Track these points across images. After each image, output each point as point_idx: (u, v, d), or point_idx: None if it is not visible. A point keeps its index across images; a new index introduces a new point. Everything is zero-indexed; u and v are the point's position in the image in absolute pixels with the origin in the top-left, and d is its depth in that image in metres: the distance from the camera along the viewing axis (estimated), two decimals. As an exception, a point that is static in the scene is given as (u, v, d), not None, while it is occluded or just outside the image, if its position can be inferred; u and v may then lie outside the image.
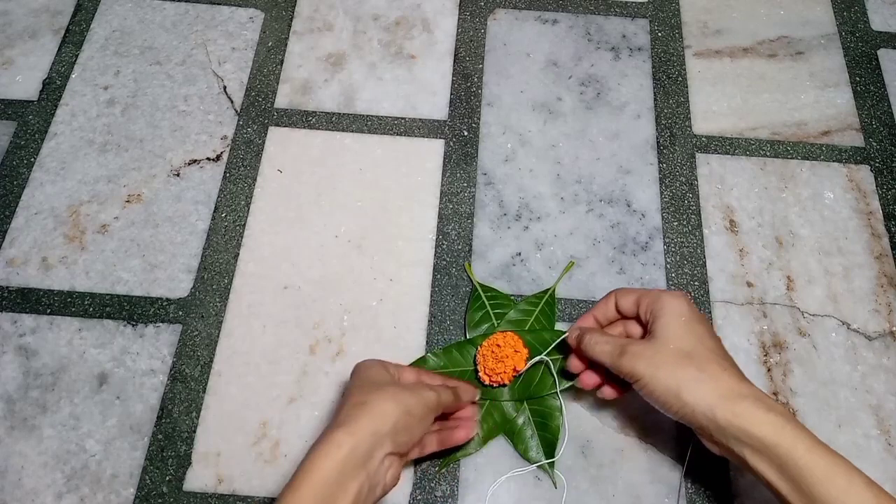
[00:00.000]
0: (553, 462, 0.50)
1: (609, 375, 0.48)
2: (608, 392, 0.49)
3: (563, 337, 0.50)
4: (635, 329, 0.49)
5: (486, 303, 0.56)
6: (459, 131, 0.65)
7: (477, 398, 0.51)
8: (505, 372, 0.50)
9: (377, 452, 0.40)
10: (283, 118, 0.65)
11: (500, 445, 0.52)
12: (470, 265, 0.58)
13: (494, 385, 0.52)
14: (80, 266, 0.58)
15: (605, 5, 0.72)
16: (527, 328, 0.54)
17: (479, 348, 0.52)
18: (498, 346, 0.51)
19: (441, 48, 0.69)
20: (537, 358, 0.50)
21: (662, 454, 0.51)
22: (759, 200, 0.62)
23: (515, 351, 0.51)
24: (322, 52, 0.69)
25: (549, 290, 0.57)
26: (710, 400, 0.41)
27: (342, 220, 0.60)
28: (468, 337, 0.54)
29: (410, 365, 0.52)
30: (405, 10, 0.71)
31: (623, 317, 0.50)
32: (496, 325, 0.54)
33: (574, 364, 0.49)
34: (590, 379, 0.49)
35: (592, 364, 0.49)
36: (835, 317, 0.57)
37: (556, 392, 0.51)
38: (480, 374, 0.51)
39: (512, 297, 0.57)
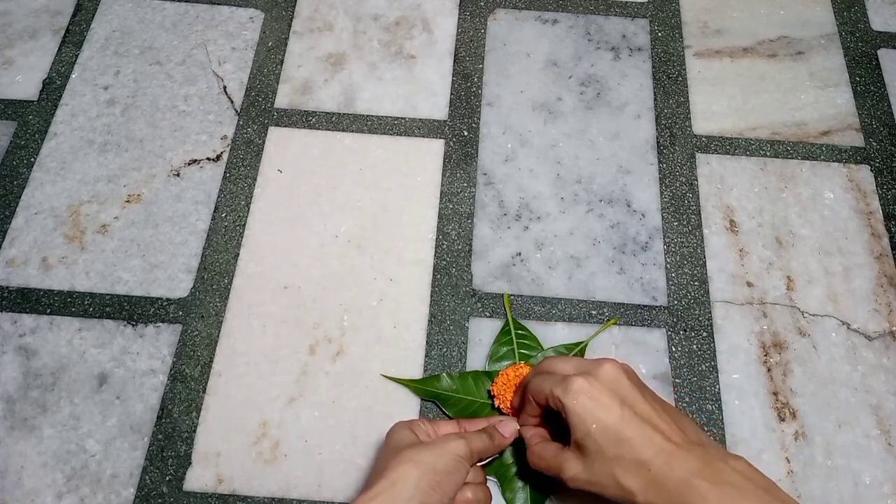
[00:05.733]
0: None
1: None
2: None
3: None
4: None
5: (514, 340, 0.54)
6: (459, 131, 0.65)
7: (516, 431, 0.48)
8: None
9: None
10: (283, 118, 0.65)
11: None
12: (509, 297, 0.57)
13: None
14: (80, 266, 0.58)
15: (605, 5, 0.72)
16: None
17: (493, 386, 0.51)
18: (512, 377, 0.50)
19: (441, 48, 0.69)
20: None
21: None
22: (759, 200, 0.62)
23: None
24: (322, 52, 0.69)
25: (580, 344, 0.55)
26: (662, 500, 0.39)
27: (342, 220, 0.60)
28: (487, 368, 0.54)
29: (428, 382, 0.52)
30: (405, 10, 0.71)
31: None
32: (517, 364, 0.53)
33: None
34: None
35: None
36: (835, 317, 0.57)
37: None
38: (505, 412, 0.50)
39: (539, 342, 0.55)
